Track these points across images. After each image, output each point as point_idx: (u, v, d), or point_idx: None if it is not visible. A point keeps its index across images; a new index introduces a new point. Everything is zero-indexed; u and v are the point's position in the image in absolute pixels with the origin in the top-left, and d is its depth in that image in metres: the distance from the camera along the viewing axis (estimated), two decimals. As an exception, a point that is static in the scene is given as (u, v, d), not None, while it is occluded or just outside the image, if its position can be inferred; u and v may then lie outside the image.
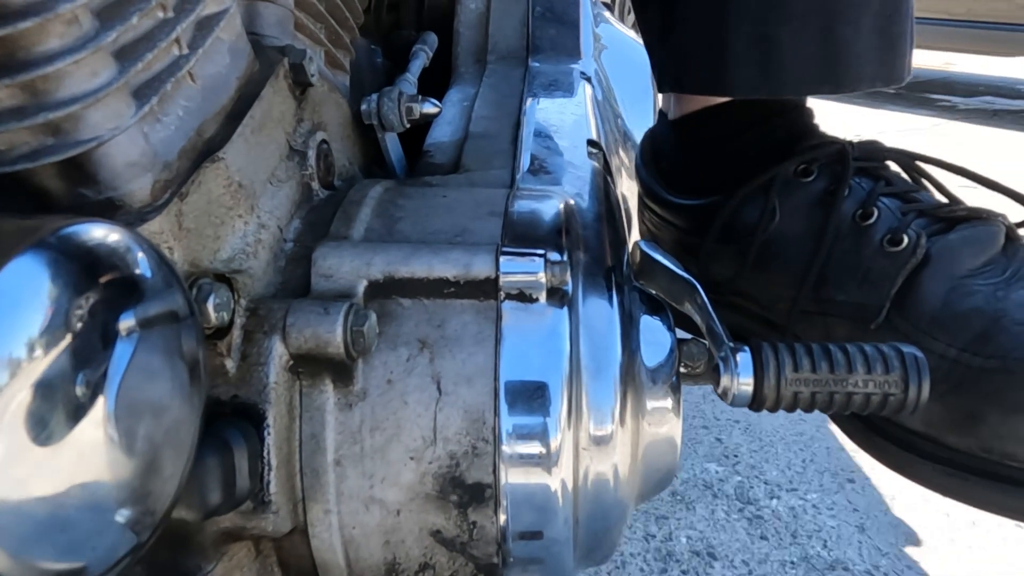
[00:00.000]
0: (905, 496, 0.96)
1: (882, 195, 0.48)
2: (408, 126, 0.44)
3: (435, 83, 0.56)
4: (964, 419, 0.43)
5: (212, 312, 0.29)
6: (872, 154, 0.50)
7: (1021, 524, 0.91)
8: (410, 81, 0.48)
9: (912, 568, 0.85)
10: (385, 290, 0.33)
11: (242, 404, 0.31)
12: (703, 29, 0.51)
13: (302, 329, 0.31)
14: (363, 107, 0.44)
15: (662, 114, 0.64)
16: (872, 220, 0.47)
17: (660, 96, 0.67)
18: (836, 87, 0.50)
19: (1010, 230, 0.47)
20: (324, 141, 0.39)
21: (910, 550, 0.88)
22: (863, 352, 0.33)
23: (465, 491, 0.32)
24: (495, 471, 0.32)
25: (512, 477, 0.32)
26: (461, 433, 0.32)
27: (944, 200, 0.49)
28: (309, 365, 0.31)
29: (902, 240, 0.46)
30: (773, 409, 0.34)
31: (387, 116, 0.43)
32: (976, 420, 0.42)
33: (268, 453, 0.30)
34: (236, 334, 0.31)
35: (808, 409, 0.33)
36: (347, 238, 0.35)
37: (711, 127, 0.57)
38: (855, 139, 0.52)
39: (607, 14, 0.84)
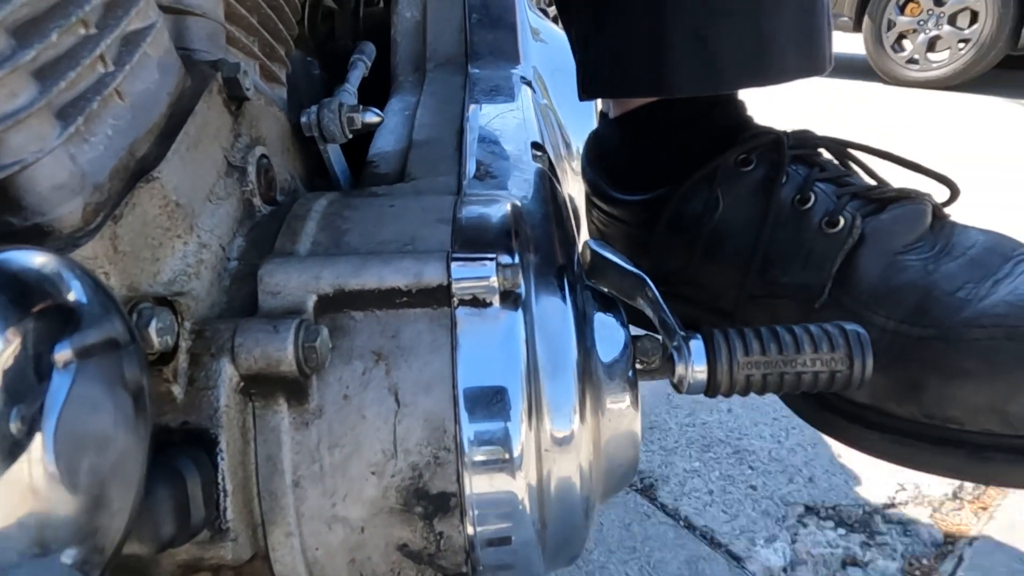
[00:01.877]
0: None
1: (817, 180, 0.50)
2: (350, 137, 0.44)
3: (374, 93, 0.55)
4: (906, 388, 0.45)
5: (155, 337, 0.28)
6: (806, 142, 0.53)
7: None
8: (350, 91, 0.47)
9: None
10: (336, 304, 0.32)
11: (193, 430, 0.30)
12: (639, 31, 0.52)
13: (251, 349, 0.30)
14: (303, 119, 0.43)
15: (603, 114, 0.65)
16: (810, 204, 0.49)
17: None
18: (765, 80, 0.52)
19: (936, 209, 0.50)
20: (264, 156, 0.39)
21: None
22: (809, 332, 0.34)
23: (430, 502, 0.32)
24: (459, 479, 0.31)
25: (476, 484, 0.32)
26: (422, 444, 0.31)
27: (874, 183, 0.52)
28: (261, 385, 0.31)
29: (839, 222, 0.48)
30: (728, 394, 0.34)
31: (328, 127, 0.43)
32: (917, 388, 0.44)
33: (223, 479, 0.29)
34: (182, 358, 0.30)
35: (761, 391, 0.34)
36: (293, 253, 0.34)
37: (652, 123, 0.58)
38: (789, 130, 0.54)
39: (542, 17, 0.84)
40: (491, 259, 0.32)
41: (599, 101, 0.71)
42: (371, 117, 0.44)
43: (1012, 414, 0.41)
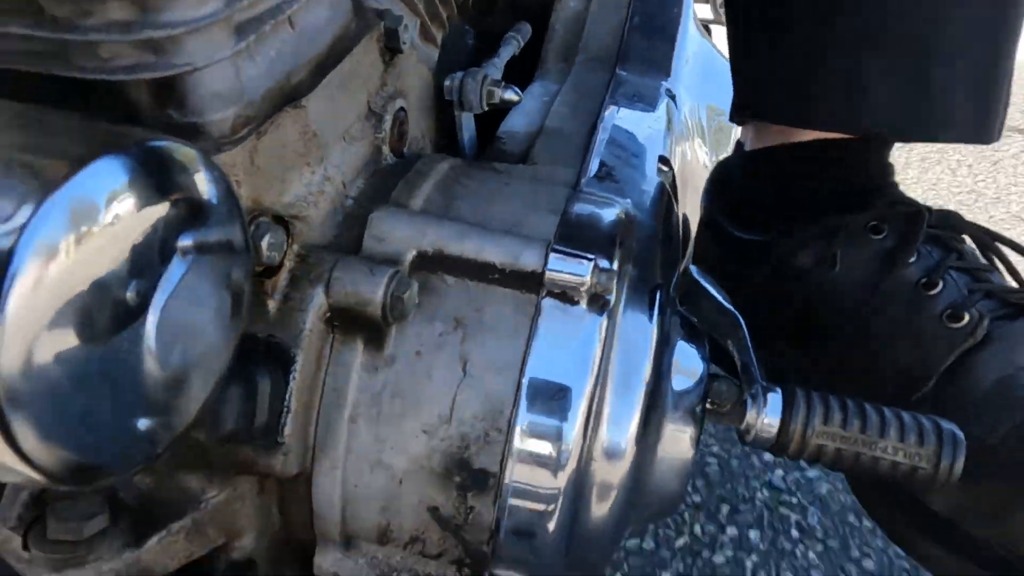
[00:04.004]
0: None
1: (951, 268, 0.47)
2: (486, 109, 0.45)
3: (520, 74, 0.56)
4: (992, 509, 0.41)
5: (265, 251, 0.30)
6: (949, 225, 0.49)
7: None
8: (497, 66, 0.48)
9: None
10: (432, 263, 0.33)
11: (275, 345, 0.31)
12: (793, 56, 0.50)
13: (345, 284, 0.31)
14: (447, 83, 0.44)
15: (738, 144, 0.63)
16: (936, 291, 0.46)
17: (740, 129, 0.66)
18: (923, 133, 0.49)
19: None
20: (402, 109, 0.40)
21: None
22: (899, 419, 0.32)
23: (470, 475, 0.32)
24: (502, 462, 0.32)
25: (518, 472, 0.32)
26: (477, 418, 0.32)
27: (1015, 285, 0.47)
28: (345, 321, 0.32)
29: (963, 317, 0.44)
30: (794, 457, 0.33)
31: (468, 95, 0.44)
32: (1004, 512, 0.41)
33: (290, 396, 0.31)
34: (283, 277, 0.32)
35: (831, 466, 0.33)
36: (406, 206, 0.35)
37: (788, 163, 0.56)
38: (935, 207, 0.50)
39: (705, 36, 0.82)
40: (590, 259, 0.32)
41: (739, 132, 0.69)
42: (510, 95, 0.44)
43: None
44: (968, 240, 0.49)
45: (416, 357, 0.33)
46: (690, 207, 0.62)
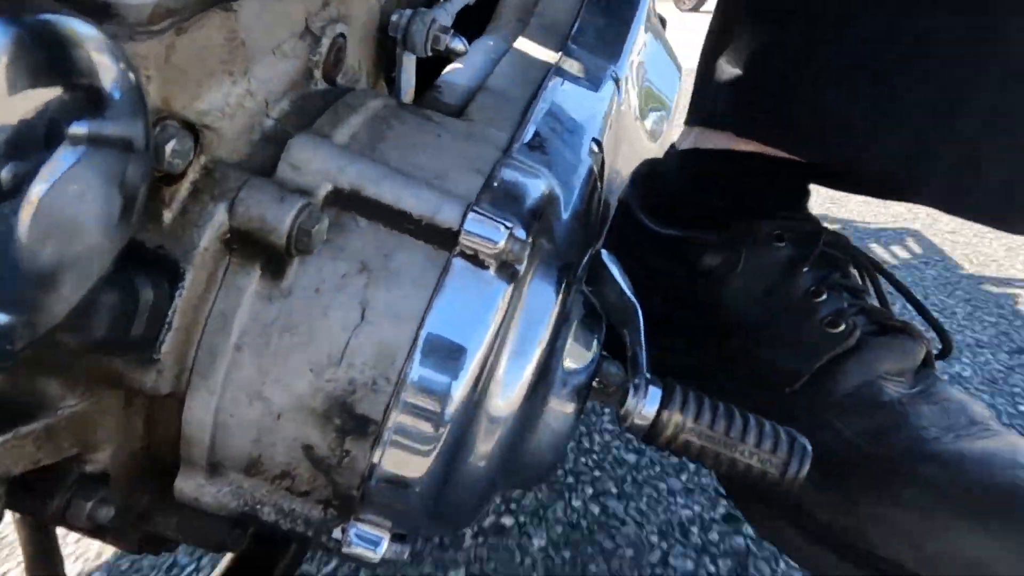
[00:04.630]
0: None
1: (836, 283, 0.52)
2: (430, 54, 0.43)
3: (473, 25, 0.54)
4: (839, 497, 0.46)
5: (168, 156, 0.28)
6: (839, 246, 0.54)
7: None
8: (448, 11, 0.47)
9: None
10: (347, 201, 0.32)
11: (165, 257, 0.30)
12: (787, 80, 0.50)
13: (251, 206, 0.30)
14: (393, 17, 0.43)
15: (671, 146, 0.65)
16: (821, 299, 0.51)
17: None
18: (1004, 223, 0.51)
19: (928, 355, 0.52)
20: (342, 35, 0.38)
21: None
22: (760, 427, 0.34)
23: (351, 419, 0.32)
24: (386, 411, 0.32)
25: (400, 423, 0.32)
26: (368, 364, 0.32)
27: (880, 308, 0.53)
28: (245, 245, 0.31)
29: (840, 324, 0.50)
30: (662, 448, 0.35)
31: (413, 36, 0.42)
32: (850, 500, 0.46)
33: (173, 313, 0.30)
34: (184, 187, 0.30)
35: (693, 460, 0.35)
36: (329, 137, 0.34)
37: (731, 168, 0.58)
38: (829, 227, 0.55)
39: (660, 31, 0.83)
40: (507, 227, 0.32)
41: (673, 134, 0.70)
42: (457, 44, 0.43)
43: (928, 555, 0.42)
44: (852, 262, 0.55)
45: (315, 294, 0.32)
46: (621, 162, 0.62)
